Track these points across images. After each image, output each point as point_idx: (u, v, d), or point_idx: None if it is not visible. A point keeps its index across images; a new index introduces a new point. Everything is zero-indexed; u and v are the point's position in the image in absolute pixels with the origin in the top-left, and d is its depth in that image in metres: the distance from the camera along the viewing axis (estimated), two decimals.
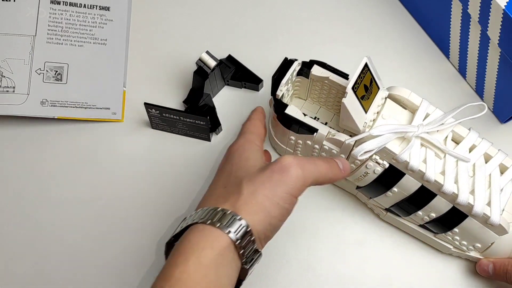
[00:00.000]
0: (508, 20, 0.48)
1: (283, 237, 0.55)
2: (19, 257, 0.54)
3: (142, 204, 0.56)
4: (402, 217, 0.52)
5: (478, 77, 0.58)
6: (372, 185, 0.49)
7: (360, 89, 0.44)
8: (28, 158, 0.58)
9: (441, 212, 0.47)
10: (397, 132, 0.45)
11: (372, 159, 0.47)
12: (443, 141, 0.47)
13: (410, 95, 0.48)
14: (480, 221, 0.46)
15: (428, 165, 0.45)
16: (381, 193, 0.50)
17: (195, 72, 0.56)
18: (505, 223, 0.46)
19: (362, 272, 0.53)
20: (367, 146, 0.45)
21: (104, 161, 0.58)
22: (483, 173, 0.46)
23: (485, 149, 0.47)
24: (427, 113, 0.47)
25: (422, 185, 0.47)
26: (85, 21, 0.60)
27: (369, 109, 0.46)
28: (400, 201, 0.49)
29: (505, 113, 0.57)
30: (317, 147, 0.50)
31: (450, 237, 0.50)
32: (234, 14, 0.65)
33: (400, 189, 0.48)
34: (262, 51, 0.63)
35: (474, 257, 0.51)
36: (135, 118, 0.60)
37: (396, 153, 0.45)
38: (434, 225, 0.50)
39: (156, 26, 0.64)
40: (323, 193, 0.56)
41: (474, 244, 0.49)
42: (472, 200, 0.45)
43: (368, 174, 0.48)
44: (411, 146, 0.45)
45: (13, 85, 0.57)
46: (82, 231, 0.55)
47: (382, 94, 0.47)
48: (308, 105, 0.56)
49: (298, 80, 0.53)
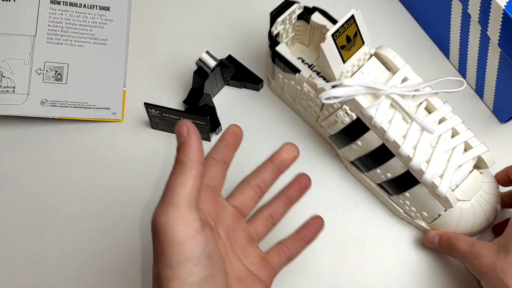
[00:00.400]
0: (508, 20, 0.48)
1: (283, 237, 0.55)
2: (19, 257, 0.54)
3: (142, 204, 0.56)
4: (364, 172, 0.54)
5: (478, 77, 0.58)
6: (340, 134, 0.51)
7: (341, 38, 0.45)
8: (28, 158, 0.58)
9: (396, 174, 0.49)
10: (368, 87, 0.46)
11: (342, 109, 0.49)
12: (415, 107, 0.48)
13: (395, 57, 0.48)
14: (429, 189, 0.48)
15: (391, 125, 0.47)
16: (346, 144, 0.52)
17: (195, 72, 0.56)
18: (452, 198, 0.47)
19: (362, 272, 0.53)
20: (334, 92, 0.46)
21: (104, 161, 0.58)
22: (444, 146, 0.47)
23: (454, 124, 0.48)
24: (405, 77, 0.48)
25: (383, 144, 0.48)
26: (85, 21, 0.60)
27: (348, 60, 0.47)
28: (362, 156, 0.51)
29: (505, 113, 0.57)
30: (298, 88, 0.52)
31: (402, 201, 0.52)
32: (234, 14, 0.65)
33: (363, 143, 0.49)
34: (262, 51, 0.63)
35: (422, 226, 0.53)
36: (135, 118, 0.60)
37: (363, 106, 0.47)
38: (389, 185, 0.51)
39: (156, 26, 0.64)
40: (323, 193, 0.56)
41: (422, 213, 0.51)
42: (425, 168, 0.47)
43: (337, 122, 0.50)
44: (379, 103, 0.46)
45: (13, 85, 0.57)
46: (82, 231, 0.55)
47: (366, 50, 0.48)
48: (309, 52, 0.57)
49: (300, 25, 0.54)
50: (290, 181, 0.47)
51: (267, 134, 0.59)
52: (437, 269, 0.53)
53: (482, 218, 0.49)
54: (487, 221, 0.50)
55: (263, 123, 0.59)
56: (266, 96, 0.61)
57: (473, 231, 0.50)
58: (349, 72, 0.48)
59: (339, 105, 0.49)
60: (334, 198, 0.56)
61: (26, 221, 0.56)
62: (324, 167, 0.57)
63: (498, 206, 0.50)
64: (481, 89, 0.59)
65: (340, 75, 0.47)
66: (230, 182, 0.57)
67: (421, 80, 0.48)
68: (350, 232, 0.55)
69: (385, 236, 0.54)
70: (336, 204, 0.56)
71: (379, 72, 0.49)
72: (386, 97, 0.47)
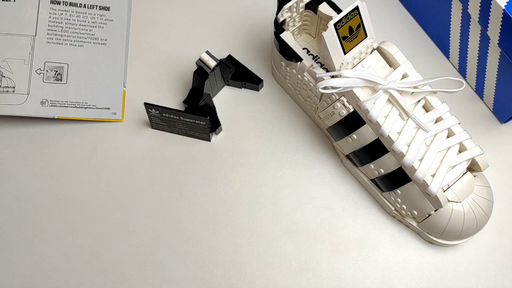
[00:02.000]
0: (508, 20, 0.48)
1: (283, 237, 0.55)
2: (19, 257, 0.54)
3: (142, 204, 0.56)
4: (358, 167, 0.54)
5: (478, 77, 0.58)
6: (336, 126, 0.52)
7: (343, 29, 0.45)
8: (28, 158, 0.58)
9: (389, 170, 0.49)
10: (366, 80, 0.46)
11: (340, 100, 0.49)
12: (413, 104, 0.48)
13: (397, 53, 0.49)
14: (420, 188, 0.48)
15: (387, 120, 0.47)
16: (342, 137, 0.52)
17: (195, 72, 0.56)
18: (443, 198, 0.47)
19: (362, 272, 0.53)
20: (331, 82, 0.46)
21: (104, 161, 0.58)
22: (439, 146, 0.47)
23: (451, 124, 0.48)
24: (405, 73, 0.48)
25: (377, 138, 0.48)
26: (85, 21, 0.60)
27: (349, 52, 0.47)
28: (357, 150, 0.51)
29: (505, 113, 0.57)
30: (299, 77, 0.53)
31: (393, 198, 0.52)
32: (234, 14, 0.65)
33: (358, 137, 0.50)
34: (262, 51, 0.63)
35: (413, 225, 0.53)
36: (135, 118, 0.60)
37: (360, 99, 0.47)
38: (382, 181, 0.52)
39: (156, 26, 0.64)
40: (323, 193, 0.56)
41: (412, 211, 0.51)
42: (417, 165, 0.47)
43: (334, 114, 0.50)
44: (376, 97, 0.46)
45: (13, 85, 0.57)
46: (82, 231, 0.55)
47: (369, 43, 0.48)
48: (315, 43, 0.58)
49: (307, 15, 0.55)
50: None
51: (267, 134, 0.59)
52: (437, 269, 0.53)
53: (472, 221, 0.49)
54: (477, 226, 0.49)
55: (263, 123, 0.59)
56: (266, 96, 0.61)
57: (462, 234, 0.50)
58: (349, 64, 0.48)
59: (337, 96, 0.49)
60: (334, 198, 0.56)
61: (26, 221, 0.56)
62: (324, 168, 0.57)
63: (490, 211, 0.50)
64: (481, 89, 0.59)
65: (340, 66, 0.47)
66: (231, 182, 0.57)
67: (421, 78, 0.48)
68: (350, 232, 0.55)
69: (385, 236, 0.54)
70: (336, 204, 0.56)
71: (379, 66, 0.49)
72: (384, 91, 0.47)
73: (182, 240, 0.55)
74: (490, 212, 0.50)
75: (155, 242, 0.54)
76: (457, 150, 0.48)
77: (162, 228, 0.55)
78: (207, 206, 0.56)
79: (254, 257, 0.54)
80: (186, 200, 0.56)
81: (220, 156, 0.58)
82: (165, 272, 0.54)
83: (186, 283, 0.53)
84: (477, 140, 0.58)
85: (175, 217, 0.55)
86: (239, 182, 0.57)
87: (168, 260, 0.54)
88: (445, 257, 0.54)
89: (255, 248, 0.54)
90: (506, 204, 0.56)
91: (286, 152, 0.58)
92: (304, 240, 0.54)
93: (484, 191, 0.50)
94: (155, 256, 0.54)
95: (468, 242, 0.54)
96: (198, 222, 0.55)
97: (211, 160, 0.58)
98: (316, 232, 0.55)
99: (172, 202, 0.56)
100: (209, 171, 0.57)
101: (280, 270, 0.53)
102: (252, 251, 0.54)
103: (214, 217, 0.55)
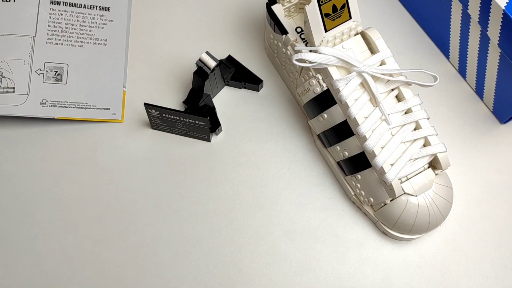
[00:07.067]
0: (508, 20, 0.48)
1: (283, 237, 0.55)
2: (19, 257, 0.54)
3: (141, 204, 0.56)
4: (326, 148, 0.55)
5: (478, 77, 0.58)
6: (310, 104, 0.52)
7: (327, 6, 0.46)
8: (28, 158, 0.58)
9: (352, 153, 0.50)
10: (342, 60, 0.47)
11: (315, 77, 0.50)
12: (385, 92, 0.49)
13: (379, 40, 0.49)
14: (378, 175, 0.49)
15: (356, 102, 0.47)
16: (315, 115, 0.52)
17: (195, 73, 0.56)
18: (398, 187, 0.48)
19: (361, 272, 0.53)
20: (306, 56, 0.47)
21: (104, 161, 0.58)
22: (403, 137, 0.48)
23: (419, 118, 0.48)
24: (383, 61, 0.48)
25: (345, 120, 0.49)
26: (85, 22, 0.61)
27: (331, 30, 0.47)
28: (326, 130, 0.52)
29: (505, 113, 0.57)
30: (284, 50, 0.54)
31: (354, 183, 0.52)
32: (234, 14, 0.65)
33: (329, 116, 0.50)
34: (262, 51, 0.63)
35: (370, 214, 0.53)
36: (135, 118, 0.60)
37: (334, 78, 0.47)
38: (345, 164, 0.52)
39: (156, 26, 0.64)
40: (323, 193, 0.56)
41: (369, 198, 0.51)
42: (378, 152, 0.47)
43: (309, 91, 0.51)
44: (349, 78, 0.47)
45: (13, 86, 0.57)
46: (82, 231, 0.55)
47: (352, 25, 0.48)
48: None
49: None
50: None
51: (266, 134, 0.59)
52: (437, 269, 0.53)
53: (426, 218, 0.49)
54: (431, 223, 0.49)
55: (263, 123, 0.59)
56: (266, 96, 0.61)
57: (413, 229, 0.50)
58: (329, 43, 0.48)
59: (314, 73, 0.50)
60: (334, 198, 0.56)
61: (26, 221, 0.56)
62: (324, 168, 0.57)
63: (447, 212, 0.50)
64: (481, 89, 0.59)
65: (320, 43, 0.47)
66: (231, 182, 0.57)
67: (398, 67, 0.49)
68: (350, 232, 0.55)
69: (384, 236, 0.54)
70: (336, 204, 0.56)
71: (360, 51, 0.49)
72: (358, 75, 0.47)
73: (182, 240, 0.55)
74: (446, 212, 0.50)
75: (155, 242, 0.54)
76: (421, 144, 0.48)
77: (162, 228, 0.55)
78: (207, 206, 0.56)
79: (254, 257, 0.54)
80: (186, 200, 0.56)
81: (220, 157, 0.58)
82: (165, 272, 0.54)
83: (186, 283, 0.53)
84: (477, 140, 0.58)
85: (175, 217, 0.55)
86: (239, 182, 0.57)
87: (168, 260, 0.54)
88: (445, 257, 0.54)
89: (255, 248, 0.54)
90: (506, 205, 0.56)
91: (286, 152, 0.58)
92: (304, 240, 0.54)
93: (444, 190, 0.50)
94: (155, 256, 0.54)
95: (468, 242, 0.54)
96: (198, 222, 0.55)
97: (211, 160, 0.58)
98: (316, 232, 0.55)
99: (172, 202, 0.56)
100: (209, 171, 0.57)
101: (280, 270, 0.53)
102: (252, 251, 0.54)
103: (214, 217, 0.55)
